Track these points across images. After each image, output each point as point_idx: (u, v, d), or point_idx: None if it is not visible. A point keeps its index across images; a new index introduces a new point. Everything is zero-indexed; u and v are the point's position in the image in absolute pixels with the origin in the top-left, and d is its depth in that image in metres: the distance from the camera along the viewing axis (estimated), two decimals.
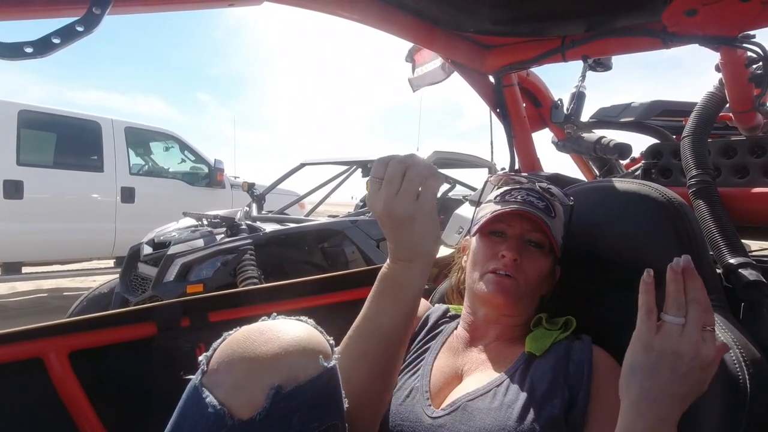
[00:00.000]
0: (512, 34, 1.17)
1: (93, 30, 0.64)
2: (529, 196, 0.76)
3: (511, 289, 0.71)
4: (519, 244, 0.73)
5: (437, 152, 3.52)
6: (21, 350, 0.78)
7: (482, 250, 0.76)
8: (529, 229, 0.75)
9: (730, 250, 0.79)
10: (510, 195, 0.77)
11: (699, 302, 0.52)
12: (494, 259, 0.73)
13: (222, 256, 2.45)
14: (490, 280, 0.72)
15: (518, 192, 0.77)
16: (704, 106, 0.99)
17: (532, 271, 0.73)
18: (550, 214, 0.75)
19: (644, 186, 0.78)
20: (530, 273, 0.73)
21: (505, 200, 0.77)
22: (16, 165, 3.90)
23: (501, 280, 0.71)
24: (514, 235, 0.75)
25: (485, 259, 0.74)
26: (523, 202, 0.75)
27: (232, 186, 5.32)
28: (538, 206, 0.75)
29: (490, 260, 0.74)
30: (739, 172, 0.97)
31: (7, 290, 4.62)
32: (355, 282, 1.18)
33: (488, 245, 0.75)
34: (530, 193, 0.77)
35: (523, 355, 0.70)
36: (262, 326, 0.49)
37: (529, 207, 0.74)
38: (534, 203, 0.75)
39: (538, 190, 0.79)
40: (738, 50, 0.92)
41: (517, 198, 0.76)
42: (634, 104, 1.50)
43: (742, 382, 0.57)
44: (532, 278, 0.73)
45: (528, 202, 0.75)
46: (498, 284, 0.71)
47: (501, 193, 0.79)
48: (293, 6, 0.89)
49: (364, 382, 0.62)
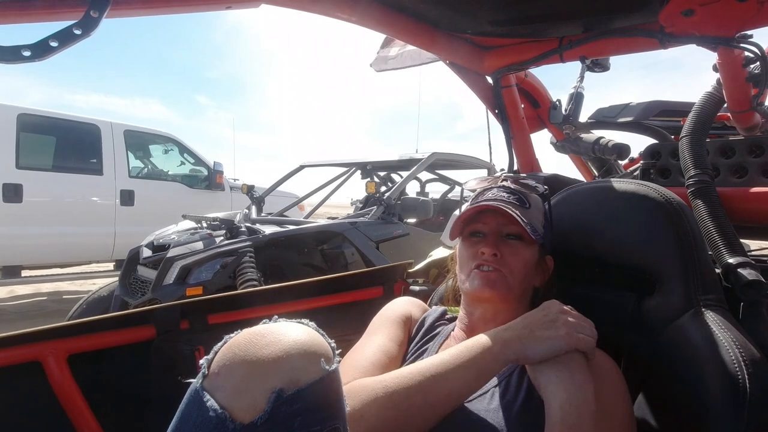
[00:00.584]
0: (510, 35, 1.17)
1: (91, 33, 0.64)
2: (499, 192, 0.79)
3: (497, 281, 0.73)
4: (495, 239, 0.76)
5: (436, 153, 3.52)
6: (19, 354, 0.78)
7: (464, 252, 0.79)
8: (504, 223, 0.77)
9: (729, 249, 0.79)
10: (482, 195, 0.81)
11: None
12: (475, 257, 0.76)
13: (221, 259, 2.45)
14: (475, 276, 0.75)
15: (489, 191, 0.81)
16: (702, 106, 1.00)
17: (515, 262, 0.75)
18: (523, 205, 0.78)
19: (643, 186, 0.79)
20: (514, 264, 0.75)
21: (477, 201, 0.80)
22: (16, 168, 3.89)
23: (486, 275, 0.74)
24: (491, 231, 0.77)
25: (468, 259, 0.77)
26: (494, 199, 0.77)
27: (231, 188, 5.33)
28: (509, 200, 0.77)
29: (472, 259, 0.76)
30: (738, 171, 0.97)
31: (6, 294, 4.62)
32: (355, 284, 1.18)
33: (468, 246, 0.78)
34: (501, 189, 0.80)
35: None
36: (264, 329, 0.49)
37: (499, 202, 0.76)
38: (505, 198, 0.78)
39: (509, 186, 0.81)
40: (735, 50, 0.92)
41: (488, 197, 0.79)
42: (632, 104, 1.50)
43: (742, 382, 0.57)
44: (517, 269, 0.75)
45: (498, 199, 0.77)
46: (483, 278, 0.74)
47: (474, 196, 0.83)
48: (291, 8, 0.89)
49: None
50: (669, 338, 0.69)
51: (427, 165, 3.50)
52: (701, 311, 0.67)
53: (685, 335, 0.67)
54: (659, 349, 0.70)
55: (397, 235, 3.08)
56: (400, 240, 3.07)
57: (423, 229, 3.35)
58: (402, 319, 0.83)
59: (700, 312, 0.67)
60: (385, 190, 3.51)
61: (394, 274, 1.24)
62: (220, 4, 0.80)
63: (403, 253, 2.83)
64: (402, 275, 1.25)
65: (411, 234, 3.15)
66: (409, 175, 3.40)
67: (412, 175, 3.45)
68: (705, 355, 0.62)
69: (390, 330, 0.80)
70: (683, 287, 0.71)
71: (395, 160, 3.76)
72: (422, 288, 1.20)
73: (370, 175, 4.06)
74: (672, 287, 0.72)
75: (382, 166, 4.07)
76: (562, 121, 1.37)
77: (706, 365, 0.61)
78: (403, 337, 0.81)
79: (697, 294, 0.69)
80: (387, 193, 3.24)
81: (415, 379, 0.61)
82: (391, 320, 0.82)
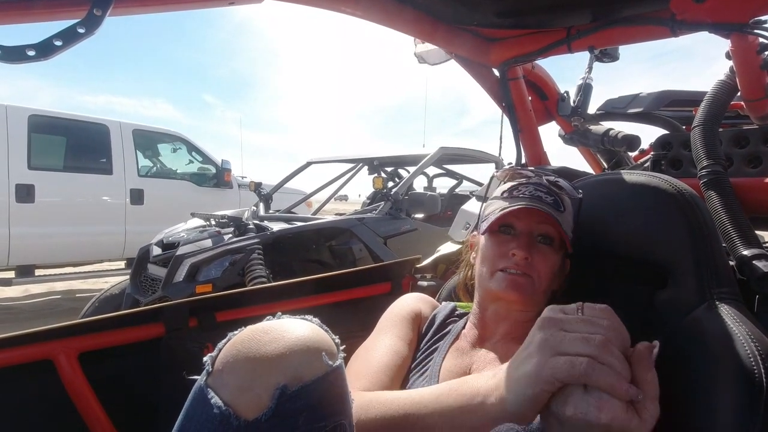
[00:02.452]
0: (517, 26, 1.16)
1: (94, 31, 0.64)
2: (537, 191, 0.74)
3: (526, 287, 0.70)
4: (529, 241, 0.72)
5: (444, 148, 3.50)
6: (31, 352, 0.79)
7: (492, 248, 0.74)
8: (540, 223, 0.73)
9: (744, 241, 0.77)
10: (517, 190, 0.76)
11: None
12: (504, 258, 0.72)
13: (230, 256, 2.47)
14: (502, 278, 0.71)
15: (526, 187, 0.76)
16: (715, 95, 0.97)
17: (544, 267, 0.72)
18: (559, 208, 0.73)
19: (654, 178, 0.77)
20: (542, 270, 0.71)
21: (513, 196, 0.75)
22: (28, 169, 3.95)
23: (515, 278, 0.70)
24: (524, 232, 0.73)
25: (495, 257, 0.73)
26: (531, 198, 0.73)
27: (239, 186, 5.36)
28: (547, 201, 0.73)
29: (500, 258, 0.72)
30: (752, 161, 0.95)
31: (20, 293, 4.70)
32: (363, 280, 1.18)
33: (498, 243, 0.74)
34: (538, 187, 0.75)
35: None
36: (267, 326, 0.49)
37: (538, 202, 0.72)
38: (542, 198, 0.73)
39: (546, 185, 0.77)
40: (749, 37, 0.89)
41: (524, 193, 0.74)
42: (642, 95, 1.48)
43: (758, 376, 0.56)
44: (545, 275, 0.72)
45: (536, 198, 0.73)
46: (512, 282, 0.70)
47: (508, 189, 0.78)
48: (295, 3, 0.89)
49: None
50: (682, 332, 0.68)
51: (435, 160, 3.48)
52: (715, 304, 0.66)
53: (699, 329, 0.65)
54: (672, 343, 0.69)
55: (404, 231, 3.07)
56: (407, 235, 3.07)
57: (431, 224, 3.34)
58: (412, 317, 0.82)
59: (714, 305, 0.66)
60: (393, 186, 3.50)
61: (402, 269, 1.23)
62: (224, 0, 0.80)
63: (411, 249, 2.83)
64: (410, 271, 1.24)
65: (419, 229, 3.15)
66: (417, 170, 3.39)
67: (420, 170, 3.44)
68: (719, 349, 0.61)
69: (400, 329, 0.79)
70: (696, 280, 0.69)
71: (402, 156, 3.75)
72: (430, 283, 1.20)
73: (377, 170, 4.05)
74: (685, 280, 0.70)
75: (389, 161, 4.07)
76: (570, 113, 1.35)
77: (720, 359, 0.60)
78: (413, 336, 0.80)
79: (711, 287, 0.68)
80: (394, 189, 3.23)
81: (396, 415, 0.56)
82: (401, 318, 0.81)
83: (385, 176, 4.08)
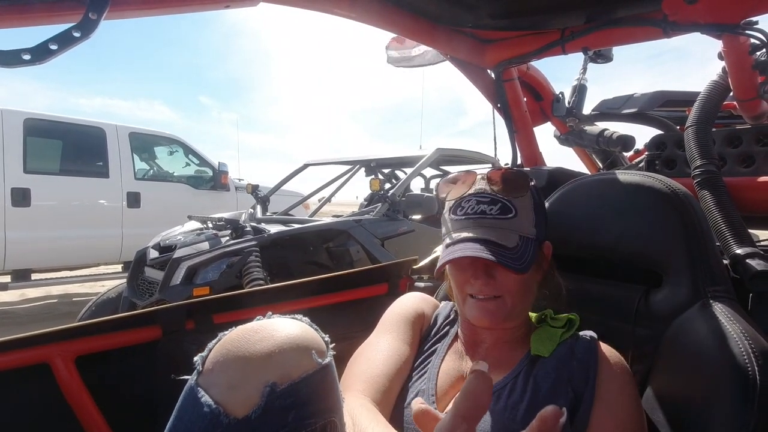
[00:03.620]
0: (511, 27, 1.17)
1: (90, 35, 0.64)
2: (480, 204, 0.69)
3: (497, 310, 0.68)
4: (484, 266, 0.67)
5: (440, 149, 3.51)
6: (27, 356, 0.78)
7: (455, 276, 0.71)
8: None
9: (737, 240, 0.78)
10: (461, 208, 0.71)
11: None
12: (467, 284, 0.69)
13: (227, 259, 2.46)
14: (472, 306, 0.69)
15: (468, 203, 0.70)
16: (707, 95, 0.98)
17: (512, 282, 0.68)
18: (507, 214, 0.68)
19: (648, 177, 0.78)
20: (511, 285, 0.68)
21: (458, 218, 0.71)
22: (23, 173, 3.93)
23: (484, 305, 0.68)
24: (477, 258, 0.66)
25: (460, 286, 0.71)
26: (475, 217, 0.69)
27: (236, 188, 5.35)
28: (493, 214, 0.68)
29: (464, 285, 0.70)
30: (745, 161, 0.96)
31: (17, 297, 4.67)
32: (360, 281, 1.18)
33: (458, 270, 0.70)
34: (481, 198, 0.70)
35: (527, 355, 0.69)
36: (256, 325, 0.49)
37: (481, 219, 0.68)
38: (486, 212, 0.68)
39: (489, 191, 0.70)
40: (741, 37, 0.90)
41: (468, 212, 0.70)
42: (636, 95, 1.49)
43: (752, 374, 0.56)
44: (514, 288, 0.68)
45: (480, 213, 0.69)
46: (482, 309, 0.68)
47: (453, 206, 0.73)
48: (290, 6, 0.89)
49: None
50: (677, 331, 0.68)
51: (432, 161, 3.49)
52: (709, 303, 0.67)
53: (693, 327, 0.66)
54: (667, 342, 0.69)
55: (402, 232, 3.07)
56: (405, 236, 3.07)
57: (428, 225, 3.35)
58: (413, 318, 0.81)
59: (708, 304, 0.66)
60: (390, 187, 3.51)
61: (399, 270, 1.23)
62: (219, 3, 0.80)
63: (408, 250, 2.83)
64: (407, 272, 1.24)
65: (416, 230, 3.15)
66: (414, 172, 3.39)
67: (417, 172, 3.44)
68: (714, 347, 0.61)
69: (401, 330, 0.78)
70: (691, 279, 0.70)
71: (399, 157, 3.75)
72: (427, 284, 1.20)
73: (374, 172, 4.06)
74: (679, 279, 0.71)
75: (386, 163, 4.07)
76: (565, 114, 1.36)
77: (714, 357, 0.61)
78: (414, 337, 0.79)
79: (705, 286, 0.69)
80: (391, 190, 3.23)
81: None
82: (404, 319, 0.80)
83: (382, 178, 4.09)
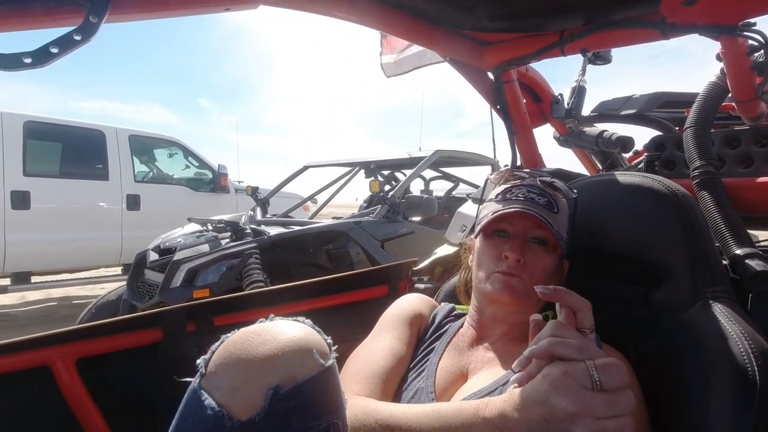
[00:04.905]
0: (510, 29, 1.17)
1: (91, 38, 0.64)
2: (530, 192, 0.75)
3: (518, 288, 0.71)
4: (522, 244, 0.73)
5: (440, 151, 3.51)
6: (28, 359, 0.78)
7: (486, 252, 0.75)
8: (532, 227, 0.74)
9: (736, 240, 0.78)
10: (511, 192, 0.77)
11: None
12: (498, 260, 0.73)
13: (227, 261, 2.46)
14: (496, 279, 0.72)
15: (519, 189, 0.77)
16: (706, 96, 0.99)
17: (536, 268, 0.72)
18: (552, 209, 0.74)
19: (648, 179, 0.78)
20: (535, 270, 0.72)
21: (507, 198, 0.76)
22: (23, 176, 3.94)
23: (507, 279, 0.71)
24: (517, 234, 0.74)
25: (490, 260, 0.74)
26: (524, 200, 0.74)
27: (236, 190, 5.35)
28: (540, 203, 0.74)
29: (494, 261, 0.73)
30: (744, 161, 0.96)
31: (17, 300, 4.67)
32: (360, 283, 1.18)
33: (492, 246, 0.75)
34: (531, 189, 0.76)
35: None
36: (259, 328, 0.49)
37: (530, 204, 0.73)
38: (535, 200, 0.74)
39: (540, 186, 0.78)
40: (739, 39, 0.90)
41: (518, 195, 0.75)
42: (635, 96, 1.49)
43: (751, 375, 0.57)
44: (537, 276, 0.72)
45: (529, 200, 0.74)
46: (504, 282, 0.71)
47: (502, 191, 0.79)
48: (289, 8, 0.89)
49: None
50: (677, 331, 0.68)
51: (431, 163, 3.50)
52: (709, 303, 0.67)
53: (694, 328, 0.66)
54: (667, 343, 0.69)
55: (401, 234, 3.08)
56: (405, 238, 3.08)
57: (428, 227, 3.35)
58: (411, 318, 0.82)
59: (708, 304, 0.67)
60: (389, 189, 3.51)
61: (399, 272, 1.24)
62: (219, 6, 0.80)
63: (408, 251, 2.83)
64: (407, 273, 1.25)
65: (416, 232, 3.15)
66: (413, 173, 3.40)
67: (416, 173, 3.45)
68: (714, 347, 0.61)
69: (400, 330, 0.79)
70: (690, 279, 0.70)
71: (399, 159, 3.76)
72: (427, 286, 1.20)
73: (373, 174, 4.06)
74: (679, 280, 0.71)
75: (385, 164, 4.07)
76: (564, 115, 1.36)
77: (715, 358, 0.61)
78: (411, 337, 0.80)
79: (705, 286, 0.69)
80: (391, 192, 3.24)
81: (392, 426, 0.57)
82: (401, 319, 0.81)
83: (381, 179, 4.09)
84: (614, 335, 0.72)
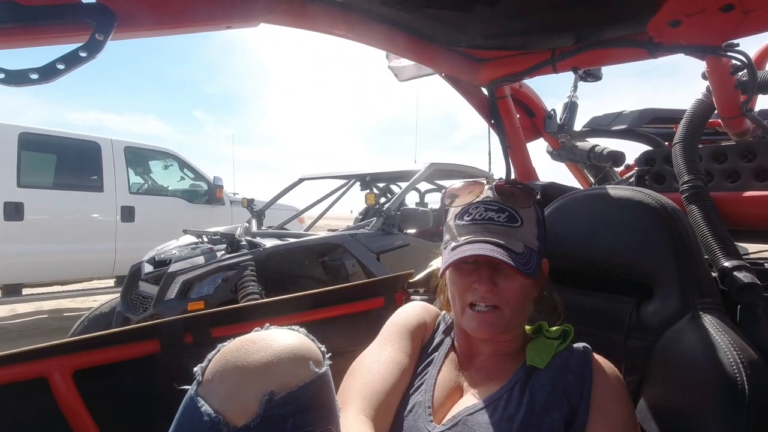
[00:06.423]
0: (504, 47, 1.20)
1: (96, 55, 0.66)
2: (488, 211, 0.71)
3: (496, 322, 0.68)
4: (489, 271, 0.68)
5: (434, 164, 3.54)
6: (25, 370, 0.78)
7: (456, 282, 0.71)
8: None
9: (725, 253, 0.80)
10: (468, 215, 0.72)
11: None
12: (469, 291, 0.69)
13: (223, 273, 2.46)
14: (471, 317, 0.69)
15: (476, 209, 0.72)
16: (693, 113, 1.02)
17: (511, 292, 0.68)
18: (514, 223, 0.70)
19: (638, 192, 0.80)
20: (511, 295, 0.68)
21: (464, 223, 0.72)
22: (17, 187, 3.91)
23: (483, 317, 0.68)
24: (483, 261, 0.69)
25: (462, 293, 0.71)
26: (482, 222, 0.70)
27: (231, 202, 5.35)
28: (499, 221, 0.70)
29: (465, 293, 0.70)
30: (731, 176, 0.99)
31: (7, 312, 4.60)
32: (356, 295, 1.19)
33: (460, 276, 0.71)
34: (489, 206, 0.71)
35: (523, 367, 0.70)
36: (254, 336, 0.50)
37: (489, 228, 0.69)
38: (494, 219, 0.70)
39: (497, 200, 0.72)
40: (723, 59, 0.94)
41: (475, 218, 0.71)
42: (625, 112, 1.53)
43: (740, 385, 0.58)
44: (513, 298, 0.68)
45: (488, 220, 0.70)
46: (481, 321, 0.68)
47: (459, 212, 0.74)
48: (289, 27, 0.92)
49: None
50: (667, 342, 0.70)
51: (426, 175, 3.52)
52: (699, 315, 0.68)
53: (683, 339, 0.67)
54: (658, 354, 0.71)
55: (397, 246, 3.08)
56: (400, 250, 3.08)
57: (423, 240, 3.36)
58: (414, 329, 0.80)
59: (698, 316, 0.68)
60: (385, 202, 3.53)
61: (394, 284, 1.25)
62: (221, 24, 0.82)
63: (403, 264, 2.84)
64: (403, 285, 1.26)
65: (411, 244, 3.16)
66: (408, 186, 3.42)
67: (411, 186, 3.47)
68: (703, 358, 0.63)
69: (402, 341, 0.78)
70: (680, 291, 0.72)
71: (394, 172, 3.78)
72: (423, 298, 1.21)
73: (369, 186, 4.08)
74: (669, 292, 0.73)
75: (381, 177, 4.10)
76: (557, 130, 1.39)
77: (704, 368, 0.62)
78: (414, 349, 0.78)
79: (694, 298, 0.71)
80: (386, 204, 3.25)
81: None
82: (405, 330, 0.80)
83: (377, 192, 4.11)
84: (606, 346, 0.73)
